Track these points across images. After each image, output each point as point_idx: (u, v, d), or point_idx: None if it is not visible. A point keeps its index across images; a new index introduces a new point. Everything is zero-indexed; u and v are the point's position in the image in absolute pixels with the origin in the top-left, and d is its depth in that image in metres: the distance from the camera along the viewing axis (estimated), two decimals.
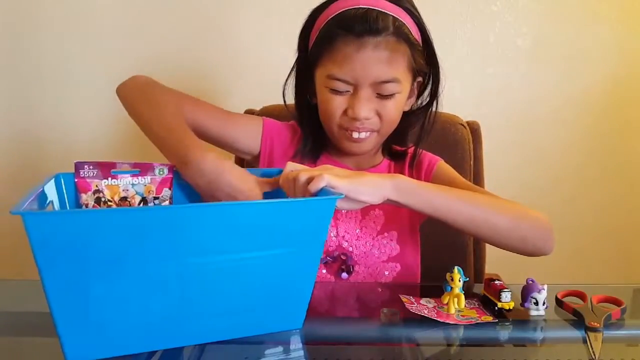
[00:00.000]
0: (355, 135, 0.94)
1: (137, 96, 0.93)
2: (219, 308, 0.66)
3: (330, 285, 0.94)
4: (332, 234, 0.99)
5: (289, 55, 1.03)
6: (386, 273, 1.00)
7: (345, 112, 0.92)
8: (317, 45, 0.93)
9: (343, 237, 1.00)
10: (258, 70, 1.55)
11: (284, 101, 1.03)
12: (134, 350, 0.64)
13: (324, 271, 0.99)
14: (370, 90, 0.90)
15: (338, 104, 0.92)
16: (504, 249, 0.89)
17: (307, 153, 1.03)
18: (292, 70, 1.02)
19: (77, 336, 0.61)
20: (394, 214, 1.01)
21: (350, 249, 0.99)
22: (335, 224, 1.00)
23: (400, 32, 0.89)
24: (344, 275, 0.98)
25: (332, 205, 0.69)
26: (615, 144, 1.60)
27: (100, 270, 0.59)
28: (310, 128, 1.02)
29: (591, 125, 1.58)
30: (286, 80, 1.02)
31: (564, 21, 1.53)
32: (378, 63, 0.88)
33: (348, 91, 0.91)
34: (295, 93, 1.03)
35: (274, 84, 1.52)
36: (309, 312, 0.72)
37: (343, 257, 0.99)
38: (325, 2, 0.95)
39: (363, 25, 0.87)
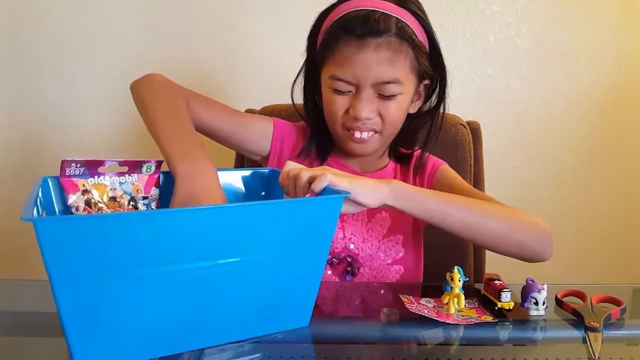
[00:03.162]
0: (357, 135, 0.94)
1: (147, 93, 0.92)
2: (229, 310, 0.66)
3: (333, 285, 0.94)
4: (339, 236, 1.00)
5: (290, 55, 1.04)
6: (390, 276, 1.01)
7: (347, 112, 0.93)
8: (322, 47, 0.94)
9: (350, 239, 1.00)
10: (259, 70, 1.55)
11: (292, 101, 1.04)
12: (145, 356, 0.64)
13: (329, 272, 0.99)
14: (372, 90, 0.91)
15: (340, 104, 0.93)
16: (501, 254, 0.89)
17: (314, 153, 1.04)
18: (300, 71, 1.03)
19: (86, 342, 0.60)
20: (399, 217, 1.01)
21: (357, 251, 1.00)
22: (342, 226, 1.00)
23: (403, 34, 0.89)
24: (349, 277, 0.99)
25: (340, 203, 0.70)
26: (615, 144, 1.60)
27: (112, 275, 0.58)
28: (317, 128, 1.03)
29: (591, 125, 1.58)
30: (294, 81, 1.03)
31: (564, 21, 1.53)
32: (379, 64, 0.89)
33: (350, 91, 0.92)
34: (304, 94, 1.04)
35: (274, 83, 1.53)
36: (314, 311, 0.73)
37: (349, 259, 0.99)
38: (332, 5, 0.96)
39: (364, 26, 0.88)
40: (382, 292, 0.91)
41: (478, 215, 0.86)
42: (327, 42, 0.93)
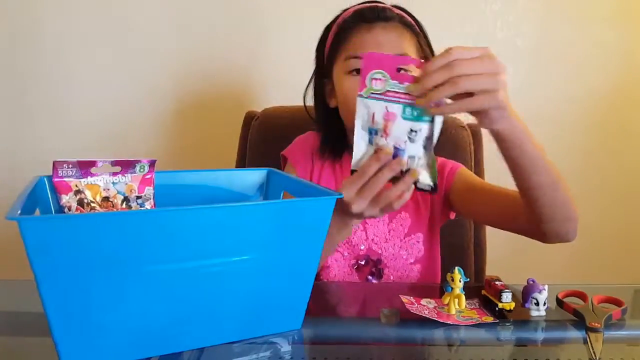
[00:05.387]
0: None
1: None
2: (218, 311, 0.66)
3: (331, 285, 0.94)
4: (362, 237, 1.01)
5: (292, 58, 1.04)
6: (412, 275, 1.02)
7: None
8: (333, 45, 1.00)
9: (372, 240, 1.02)
10: (260, 72, 1.55)
11: (305, 106, 1.08)
12: (132, 356, 0.63)
13: (356, 276, 1.01)
14: None
15: (356, 83, 0.95)
16: (544, 221, 0.84)
17: (327, 154, 1.06)
18: (310, 81, 1.07)
19: (73, 342, 0.60)
20: (418, 216, 1.03)
21: (380, 251, 1.01)
22: (364, 228, 1.02)
23: (405, 21, 0.98)
24: (374, 279, 1.00)
25: (331, 204, 0.69)
26: (616, 144, 1.59)
27: (97, 275, 0.58)
28: (330, 129, 1.05)
29: (592, 125, 1.58)
30: (306, 88, 1.08)
31: (565, 21, 1.53)
32: (388, 40, 0.95)
33: None
34: (315, 100, 1.07)
35: (276, 86, 1.53)
36: (309, 312, 0.72)
37: (373, 259, 1.01)
38: (335, 17, 1.03)
39: (372, 13, 0.97)
40: (380, 290, 0.91)
41: (556, 173, 0.82)
42: (337, 37, 0.99)
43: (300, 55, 1.07)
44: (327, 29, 1.04)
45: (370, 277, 1.01)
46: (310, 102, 1.08)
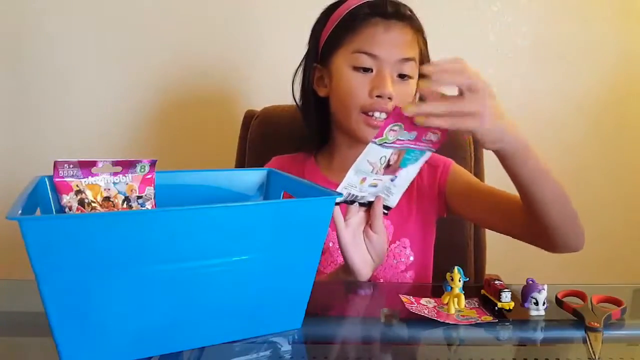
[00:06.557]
0: (377, 114, 0.93)
1: None
2: (218, 311, 0.66)
3: (330, 284, 0.94)
4: None
5: (291, 57, 1.04)
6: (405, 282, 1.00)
7: (369, 93, 0.93)
8: (337, 31, 0.96)
9: None
10: (258, 71, 1.55)
11: (293, 94, 1.06)
12: (133, 356, 0.63)
13: None
14: (393, 69, 0.93)
15: (362, 81, 0.93)
16: (554, 236, 0.87)
17: (307, 147, 1.05)
18: (300, 65, 1.04)
19: (74, 342, 0.60)
20: (402, 223, 1.01)
21: None
22: None
23: (418, 26, 0.97)
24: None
25: (331, 204, 0.69)
26: (615, 144, 1.59)
27: (98, 275, 0.58)
28: (315, 119, 1.03)
29: (591, 125, 1.58)
30: (295, 73, 1.04)
31: (564, 21, 1.53)
32: (403, 43, 0.94)
33: (371, 70, 0.93)
34: (302, 86, 1.04)
35: (274, 85, 1.53)
36: (309, 312, 0.72)
37: None
38: (338, 1, 0.99)
39: (392, 8, 0.94)
40: (379, 290, 0.91)
41: (563, 190, 0.84)
42: (347, 23, 0.95)
43: (300, 54, 1.07)
44: (328, 11, 1.00)
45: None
46: (297, 91, 1.05)
